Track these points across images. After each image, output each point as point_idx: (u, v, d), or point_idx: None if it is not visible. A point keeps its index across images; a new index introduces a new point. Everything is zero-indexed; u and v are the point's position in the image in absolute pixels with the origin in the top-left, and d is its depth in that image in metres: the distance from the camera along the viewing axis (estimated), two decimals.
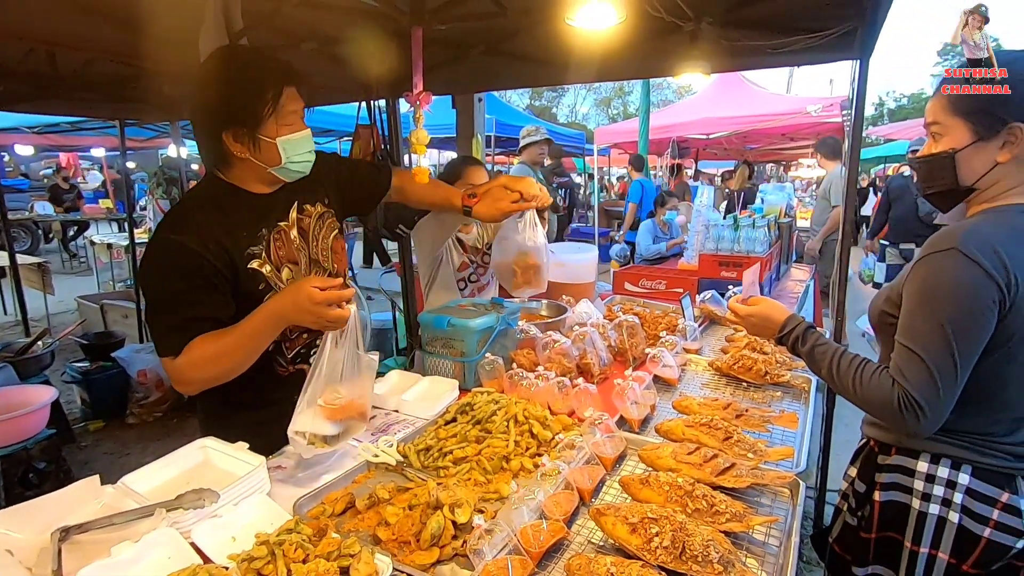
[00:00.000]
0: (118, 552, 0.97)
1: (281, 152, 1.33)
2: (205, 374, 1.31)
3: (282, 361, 1.50)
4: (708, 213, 3.67)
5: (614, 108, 37.80)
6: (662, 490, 1.18)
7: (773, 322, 1.40)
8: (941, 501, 1.22)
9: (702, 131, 8.45)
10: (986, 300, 1.09)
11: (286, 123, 1.32)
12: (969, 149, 1.16)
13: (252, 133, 1.30)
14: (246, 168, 1.37)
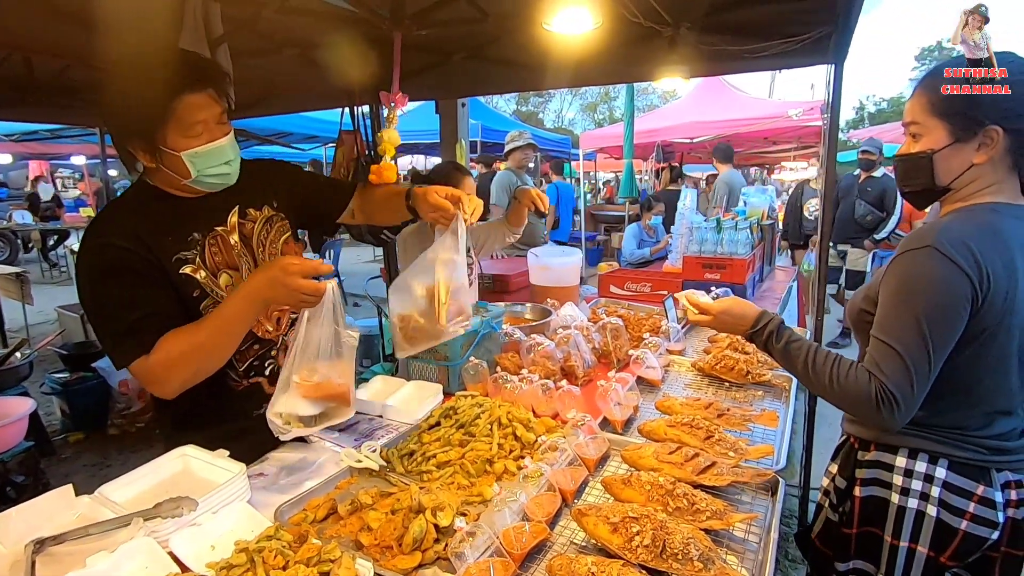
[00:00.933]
0: (93, 563, 0.96)
1: (188, 165, 1.22)
2: (182, 372, 1.22)
3: (234, 375, 1.42)
4: (691, 216, 3.70)
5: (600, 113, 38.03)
6: (643, 489, 1.18)
7: (746, 318, 1.39)
8: (919, 495, 1.24)
9: (686, 135, 8.52)
10: (960, 295, 1.12)
11: (192, 134, 1.20)
12: (947, 150, 1.19)
13: (152, 145, 1.19)
14: (163, 176, 1.28)
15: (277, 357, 1.49)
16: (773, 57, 2.26)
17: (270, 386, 1.46)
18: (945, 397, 1.21)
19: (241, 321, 1.23)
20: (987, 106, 1.14)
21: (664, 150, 9.24)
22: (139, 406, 3.96)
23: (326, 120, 6.62)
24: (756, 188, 4.69)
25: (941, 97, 1.17)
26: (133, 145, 1.22)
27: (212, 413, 1.42)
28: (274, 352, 1.49)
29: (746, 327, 1.39)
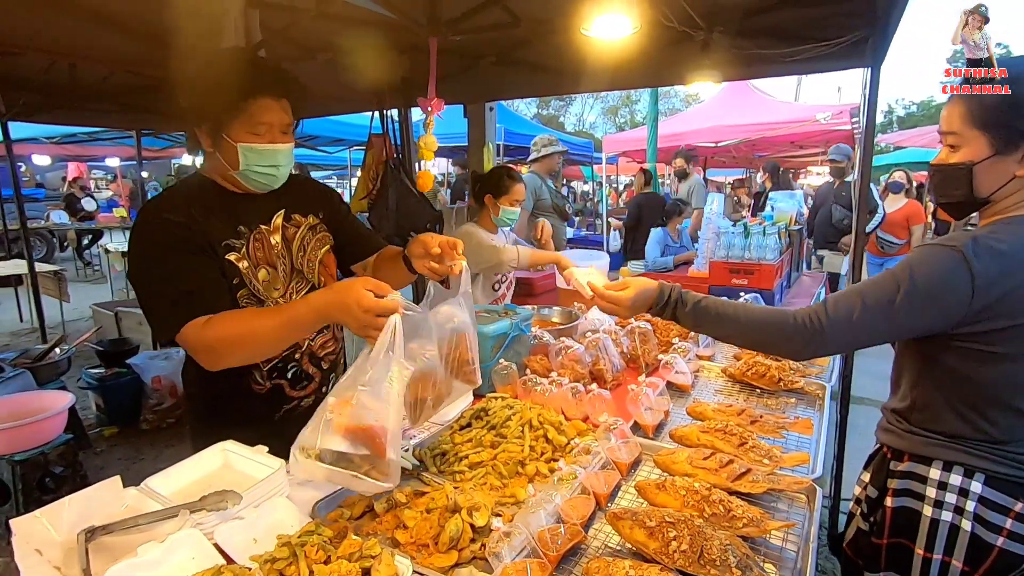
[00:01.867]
0: (144, 552, 0.99)
1: (240, 157, 1.30)
2: (235, 352, 1.26)
3: (258, 377, 1.45)
4: (718, 220, 3.67)
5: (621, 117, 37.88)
6: (678, 495, 1.18)
7: (651, 290, 1.34)
8: (954, 509, 1.21)
9: (711, 139, 8.46)
10: (954, 290, 1.10)
11: (254, 132, 1.29)
12: (987, 162, 1.16)
13: (216, 131, 1.29)
14: (215, 164, 1.36)
15: (301, 360, 1.51)
16: (807, 61, 2.23)
17: (291, 389, 1.51)
18: (981, 409, 1.18)
19: (303, 327, 1.27)
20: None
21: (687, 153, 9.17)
22: (170, 402, 4.05)
23: (351, 123, 6.72)
24: (784, 193, 4.63)
25: (982, 107, 1.14)
26: (200, 127, 1.31)
27: (236, 414, 1.46)
28: (298, 355, 1.50)
29: (652, 298, 1.34)
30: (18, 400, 2.86)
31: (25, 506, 2.63)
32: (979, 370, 1.17)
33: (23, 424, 2.66)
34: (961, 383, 1.20)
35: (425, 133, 1.81)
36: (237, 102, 1.26)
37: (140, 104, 4.13)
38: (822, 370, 2.01)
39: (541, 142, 4.33)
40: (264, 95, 1.28)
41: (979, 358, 1.16)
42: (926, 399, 1.27)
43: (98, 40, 2.59)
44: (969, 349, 1.16)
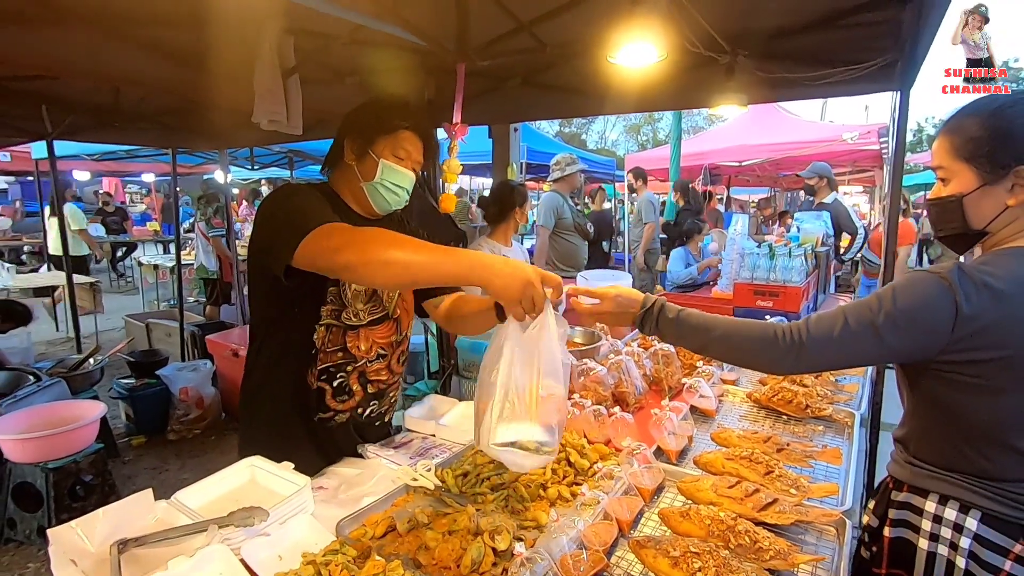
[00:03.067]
0: (175, 566, 1.01)
1: (378, 170, 1.45)
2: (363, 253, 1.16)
3: (313, 371, 1.50)
4: (743, 241, 3.64)
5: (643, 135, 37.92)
6: (703, 524, 1.16)
7: (635, 298, 1.32)
8: (948, 544, 1.18)
9: (735, 158, 8.42)
10: (937, 314, 1.09)
11: (396, 155, 1.47)
12: (976, 193, 1.16)
13: (364, 145, 1.46)
14: (346, 175, 1.50)
15: (350, 374, 1.55)
16: (835, 84, 2.22)
17: (332, 398, 1.54)
18: (976, 444, 1.15)
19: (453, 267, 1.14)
20: (1012, 147, 1.11)
21: (711, 173, 9.14)
22: (196, 413, 4.13)
23: None
24: (810, 213, 4.57)
25: (964, 140, 1.15)
26: (352, 140, 1.47)
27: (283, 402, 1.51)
28: (349, 368, 1.55)
29: (636, 308, 1.32)
30: (53, 409, 2.95)
31: (56, 513, 2.70)
32: (971, 403, 1.14)
33: (57, 433, 2.74)
34: (953, 415, 1.18)
35: (449, 157, 1.84)
36: (392, 127, 1.47)
37: (176, 124, 4.29)
38: (851, 397, 1.97)
39: (564, 161, 4.36)
40: (414, 131, 1.49)
41: (969, 390, 1.13)
42: (922, 429, 1.26)
43: (141, 65, 2.71)
44: (957, 380, 1.14)
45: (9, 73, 2.88)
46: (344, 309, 1.49)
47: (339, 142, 1.51)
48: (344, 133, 1.50)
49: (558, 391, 1.15)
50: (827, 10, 2.04)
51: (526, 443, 1.13)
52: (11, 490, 2.80)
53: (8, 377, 3.41)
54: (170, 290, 7.76)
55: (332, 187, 1.53)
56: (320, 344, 1.48)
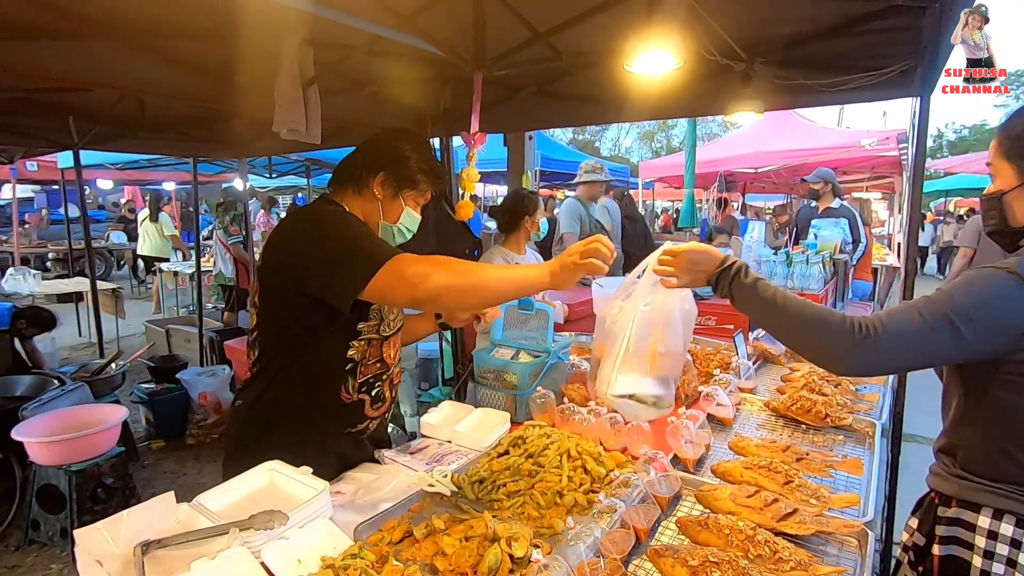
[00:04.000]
0: (196, 567, 1.03)
1: (403, 216, 1.56)
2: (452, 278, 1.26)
3: (350, 387, 1.50)
4: (759, 248, 3.62)
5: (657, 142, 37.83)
6: (722, 533, 1.15)
7: (712, 254, 1.28)
8: (1006, 561, 1.14)
9: (750, 165, 8.36)
10: (1012, 309, 1.07)
11: (416, 202, 1.58)
12: (1016, 191, 1.18)
13: (397, 191, 1.53)
14: (366, 204, 1.53)
15: (385, 383, 1.59)
16: (853, 91, 2.21)
17: (370, 407, 1.56)
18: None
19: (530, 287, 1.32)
20: None
21: (727, 180, 9.09)
22: (215, 418, 4.18)
23: None
24: (828, 220, 4.52)
25: (1009, 138, 1.18)
26: (385, 180, 1.51)
27: (313, 418, 1.49)
28: (385, 376, 1.58)
29: (713, 267, 1.28)
30: (76, 413, 3.01)
31: (79, 515, 2.74)
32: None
33: (80, 436, 2.79)
34: (1011, 420, 1.15)
35: (468, 165, 1.87)
36: (425, 186, 1.57)
37: (197, 134, 4.38)
38: (872, 407, 1.94)
39: (586, 167, 4.32)
40: (433, 187, 1.61)
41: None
42: (974, 438, 1.22)
43: (164, 76, 2.78)
44: (1017, 381, 1.12)
45: (39, 85, 2.97)
46: (383, 322, 1.53)
47: (366, 172, 1.50)
48: (377, 168, 1.50)
49: (676, 348, 1.24)
50: (845, 16, 2.03)
51: (643, 396, 1.23)
52: (35, 492, 2.86)
53: (33, 381, 3.48)
54: (189, 296, 7.88)
55: (342, 204, 1.51)
56: (360, 358, 1.49)
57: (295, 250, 1.39)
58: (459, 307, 1.63)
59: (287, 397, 1.47)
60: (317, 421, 1.50)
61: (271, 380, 1.48)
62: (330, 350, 1.46)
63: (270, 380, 1.48)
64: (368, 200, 1.52)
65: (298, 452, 1.41)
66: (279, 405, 1.48)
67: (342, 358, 1.47)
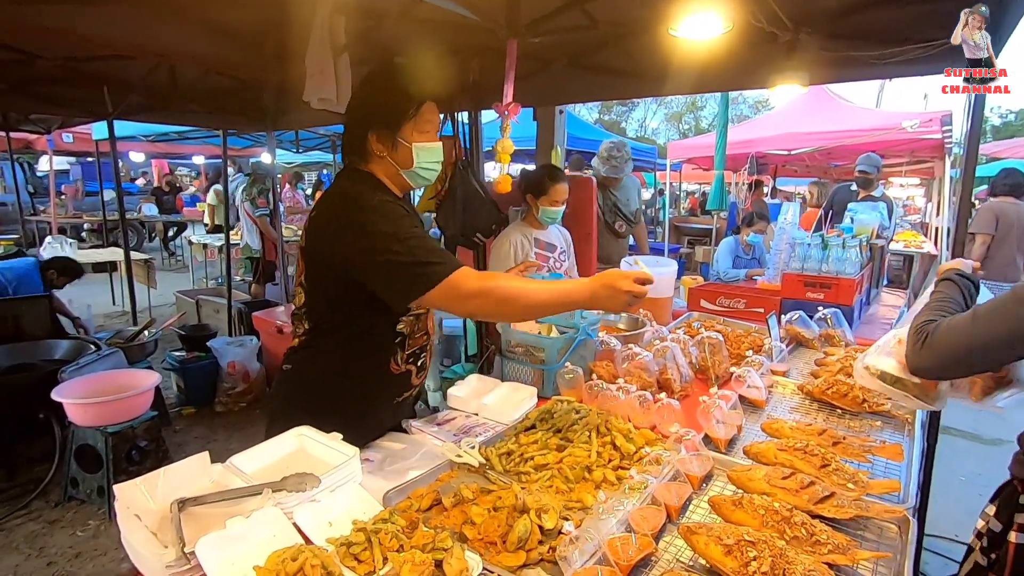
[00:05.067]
0: (232, 525, 1.04)
1: (414, 156, 1.43)
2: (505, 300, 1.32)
3: (399, 358, 1.53)
4: (793, 231, 3.51)
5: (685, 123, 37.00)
6: (757, 514, 1.13)
7: None
8: None
9: (783, 147, 8.09)
10: None
11: (422, 131, 1.44)
12: None
13: (392, 135, 1.42)
14: (381, 164, 1.46)
15: (427, 352, 1.63)
16: (903, 64, 2.09)
17: (415, 377, 1.61)
18: None
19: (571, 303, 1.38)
20: None
21: (758, 162, 8.84)
22: (242, 387, 4.28)
23: None
24: (866, 204, 4.36)
25: None
26: (377, 135, 1.42)
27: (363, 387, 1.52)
28: (428, 347, 1.62)
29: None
30: (111, 377, 3.10)
31: (115, 475, 2.84)
32: None
33: (116, 399, 2.87)
34: None
35: (502, 136, 1.82)
36: (414, 107, 1.41)
37: (228, 106, 4.41)
38: None
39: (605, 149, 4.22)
40: (430, 99, 1.44)
41: None
42: None
43: (196, 44, 2.77)
44: None
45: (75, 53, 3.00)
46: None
47: (360, 135, 1.44)
48: (365, 127, 1.43)
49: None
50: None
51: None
52: (74, 451, 2.96)
53: (71, 345, 3.59)
54: (218, 268, 8.02)
55: (369, 172, 1.47)
56: (409, 332, 1.52)
57: (344, 240, 1.35)
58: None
59: (338, 367, 1.51)
60: (367, 390, 1.54)
61: (322, 349, 1.50)
62: (381, 326, 1.49)
63: (322, 349, 1.50)
64: (378, 163, 1.46)
65: (345, 419, 1.45)
66: (330, 374, 1.51)
67: (392, 332, 1.50)
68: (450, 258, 1.34)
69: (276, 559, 0.96)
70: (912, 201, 14.31)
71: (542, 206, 2.57)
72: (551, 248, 2.68)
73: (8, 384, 3.16)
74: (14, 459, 3.26)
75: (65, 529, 2.85)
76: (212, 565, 0.97)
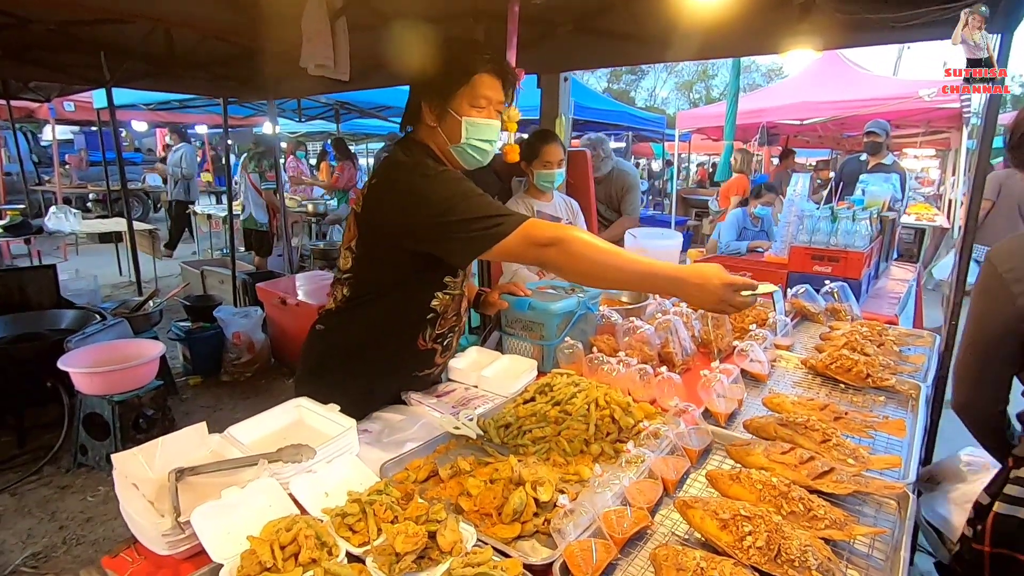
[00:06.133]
0: (227, 495, 1.05)
1: (463, 130, 1.38)
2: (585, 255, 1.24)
3: (427, 335, 1.55)
4: (802, 203, 3.44)
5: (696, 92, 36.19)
6: (754, 488, 1.12)
7: None
8: None
9: (796, 116, 7.90)
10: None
11: (476, 105, 1.38)
12: None
13: (443, 105, 1.38)
14: (432, 135, 1.43)
15: (455, 335, 1.64)
16: (921, 27, 2.00)
17: (439, 356, 1.63)
18: None
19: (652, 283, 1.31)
20: None
21: (769, 132, 8.65)
22: (248, 357, 4.31)
23: None
24: (878, 175, 4.26)
25: None
26: (430, 104, 1.39)
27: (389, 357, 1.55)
28: (457, 328, 1.63)
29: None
30: (117, 347, 3.12)
31: (122, 443, 2.89)
32: None
33: (121, 368, 2.90)
34: None
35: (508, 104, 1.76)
36: (464, 77, 1.36)
37: (227, 73, 4.32)
38: (916, 368, 1.85)
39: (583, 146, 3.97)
40: (487, 73, 1.38)
41: None
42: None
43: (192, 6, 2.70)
44: None
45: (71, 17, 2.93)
46: (466, 279, 1.55)
47: (415, 102, 1.43)
48: (419, 94, 1.42)
49: None
50: None
51: None
52: (82, 419, 3.01)
53: (76, 315, 3.62)
54: (223, 239, 8.01)
55: (424, 143, 1.45)
56: (442, 310, 1.53)
57: (406, 208, 1.33)
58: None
59: (369, 336, 1.53)
60: (392, 361, 1.57)
61: (358, 316, 1.53)
62: (417, 299, 1.50)
63: (357, 316, 1.53)
64: (429, 133, 1.43)
65: (367, 383, 1.54)
66: (359, 341, 1.55)
67: (426, 308, 1.51)
68: (518, 212, 1.32)
69: (271, 529, 0.97)
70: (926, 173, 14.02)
71: (536, 170, 2.54)
72: (554, 220, 2.63)
73: (15, 353, 3.19)
74: (24, 426, 3.32)
75: (76, 494, 2.92)
76: (207, 534, 0.97)
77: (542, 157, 2.52)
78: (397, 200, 1.36)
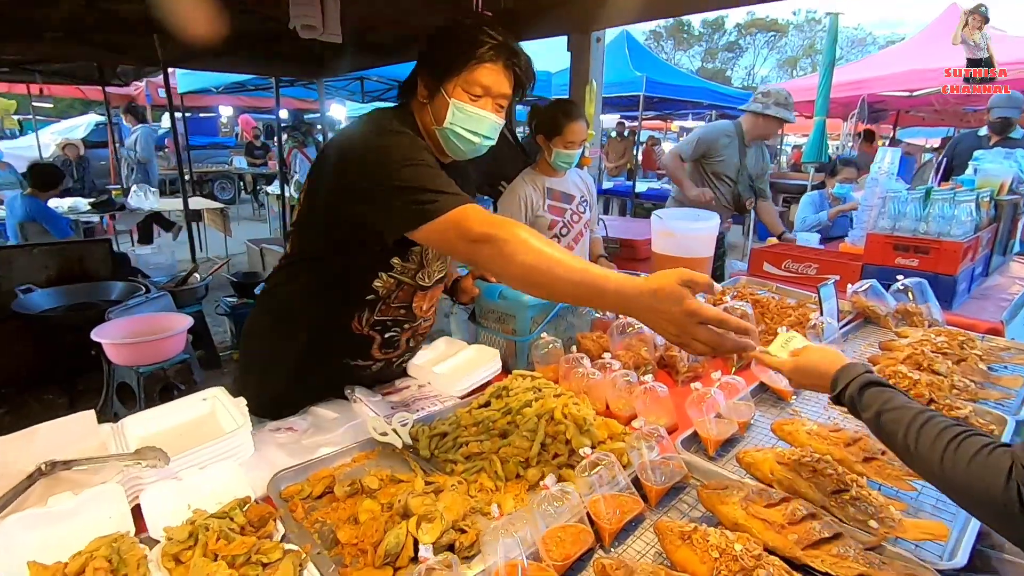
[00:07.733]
0: (55, 503, 0.90)
1: (449, 113, 1.23)
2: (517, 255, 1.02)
3: (363, 319, 1.36)
4: (887, 182, 2.88)
5: (801, 69, 33.32)
6: (707, 556, 0.81)
7: (823, 377, 0.95)
8: None
9: (904, 87, 6.81)
10: None
11: (471, 92, 1.23)
12: None
13: (436, 83, 1.24)
14: (422, 112, 1.29)
15: (404, 332, 1.44)
16: None
17: (378, 349, 1.42)
18: None
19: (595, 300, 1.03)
20: None
21: (871, 107, 7.59)
22: None
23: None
24: (997, 151, 3.53)
25: None
26: (424, 73, 1.26)
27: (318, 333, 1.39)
28: (408, 327, 1.43)
29: (825, 387, 0.95)
30: (148, 320, 3.20)
31: None
32: None
33: (146, 340, 2.95)
34: None
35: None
36: (462, 60, 1.22)
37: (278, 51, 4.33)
38: (1007, 395, 1.40)
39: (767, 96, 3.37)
40: (493, 62, 1.23)
41: None
42: None
43: None
44: None
45: None
46: (422, 270, 1.36)
47: (414, 72, 1.30)
48: (419, 63, 1.29)
49: None
50: None
51: None
52: (116, 388, 3.12)
53: (125, 287, 3.78)
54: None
55: (412, 116, 1.30)
56: (385, 294, 1.35)
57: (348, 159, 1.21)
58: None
59: (300, 300, 1.38)
60: (321, 338, 1.39)
61: (291, 277, 1.40)
62: (356, 273, 1.33)
63: (291, 276, 1.40)
64: (419, 109, 1.29)
65: (294, 361, 1.39)
66: (291, 304, 1.40)
67: (366, 287, 1.33)
68: (463, 195, 1.13)
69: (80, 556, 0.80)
70: None
71: (555, 149, 2.20)
72: (567, 199, 2.33)
73: (66, 321, 3.37)
74: (78, 390, 3.52)
75: None
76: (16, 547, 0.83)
77: (566, 135, 2.18)
78: (344, 152, 1.24)
